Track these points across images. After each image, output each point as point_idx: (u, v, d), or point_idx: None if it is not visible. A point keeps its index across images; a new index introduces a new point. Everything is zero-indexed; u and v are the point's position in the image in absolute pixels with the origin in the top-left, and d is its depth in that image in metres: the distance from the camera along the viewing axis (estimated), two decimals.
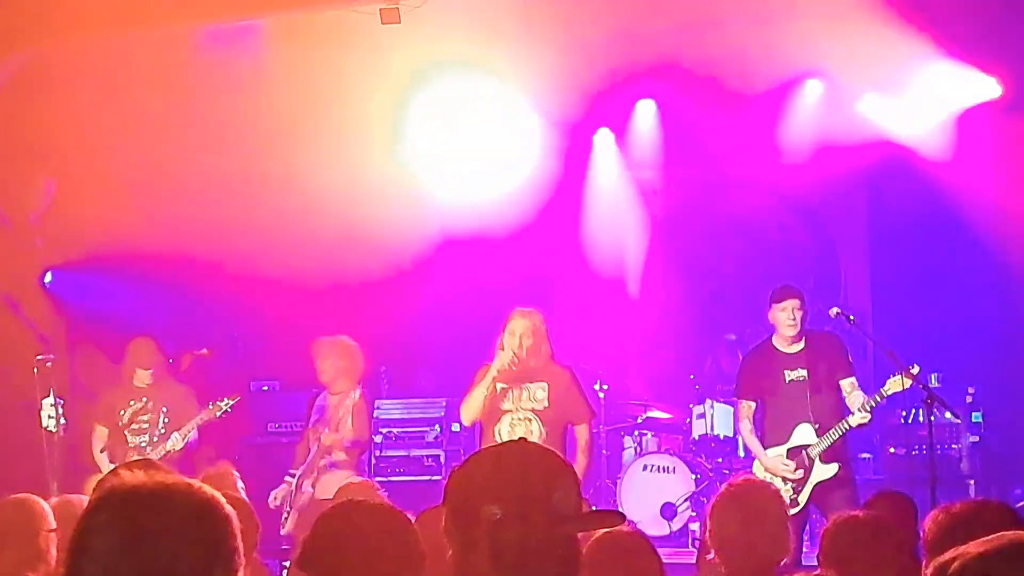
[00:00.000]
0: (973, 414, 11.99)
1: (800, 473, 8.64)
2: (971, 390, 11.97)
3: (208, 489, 2.20)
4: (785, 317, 8.77)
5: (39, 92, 11.00)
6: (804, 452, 8.66)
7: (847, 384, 8.76)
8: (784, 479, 8.60)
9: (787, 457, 8.71)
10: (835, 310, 8.96)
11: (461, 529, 2.55)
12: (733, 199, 13.76)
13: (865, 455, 12.47)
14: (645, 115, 14.23)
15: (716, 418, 12.24)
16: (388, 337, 12.83)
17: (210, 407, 9.47)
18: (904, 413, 11.69)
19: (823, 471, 8.64)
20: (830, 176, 13.47)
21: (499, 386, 8.46)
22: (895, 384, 8.49)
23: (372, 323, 12.56)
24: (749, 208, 13.74)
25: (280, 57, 12.23)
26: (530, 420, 8.38)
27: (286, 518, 9.62)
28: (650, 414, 12.61)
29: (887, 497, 6.50)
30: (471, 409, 8.60)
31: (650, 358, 14.16)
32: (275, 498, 9.75)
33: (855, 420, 8.57)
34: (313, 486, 9.62)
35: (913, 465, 10.80)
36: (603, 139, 14.45)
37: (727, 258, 13.68)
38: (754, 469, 8.96)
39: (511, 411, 8.47)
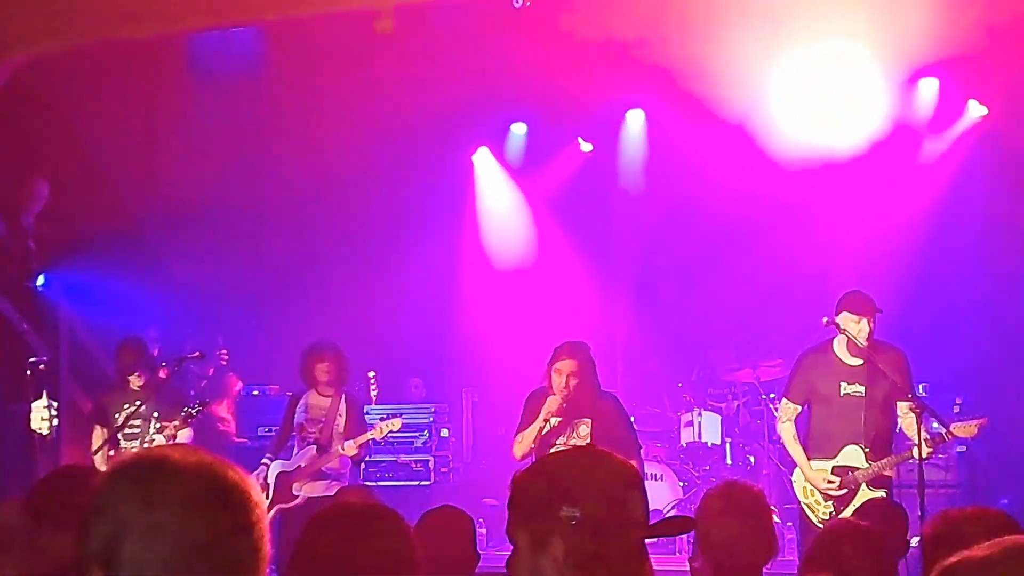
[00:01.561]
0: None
1: (843, 492, 8.37)
2: (958, 400, 12.00)
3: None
4: (858, 329, 8.37)
5: (34, 95, 11.03)
6: (851, 474, 8.35)
7: (903, 407, 8.35)
8: (826, 495, 8.43)
9: (832, 474, 8.41)
10: (826, 319, 8.51)
11: (534, 529, 2.57)
12: (723, 207, 13.80)
13: None
14: (634, 125, 14.32)
15: (704, 426, 12.25)
16: (378, 343, 12.88)
17: (182, 414, 9.47)
18: None
19: (870, 496, 8.24)
20: (820, 184, 13.53)
21: (553, 420, 8.36)
22: (963, 430, 8.25)
23: (362, 329, 12.61)
24: (739, 216, 13.78)
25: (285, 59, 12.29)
26: None
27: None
28: (637, 423, 12.64)
29: (879, 505, 6.51)
30: (522, 447, 8.42)
31: (638, 366, 14.18)
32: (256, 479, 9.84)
33: (921, 454, 8.07)
34: (301, 489, 9.74)
35: (900, 474, 10.78)
36: (586, 148, 14.55)
37: (716, 266, 13.70)
38: (793, 478, 8.70)
39: (558, 445, 8.32)
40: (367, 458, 12.46)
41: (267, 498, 9.77)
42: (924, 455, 8.07)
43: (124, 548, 1.99)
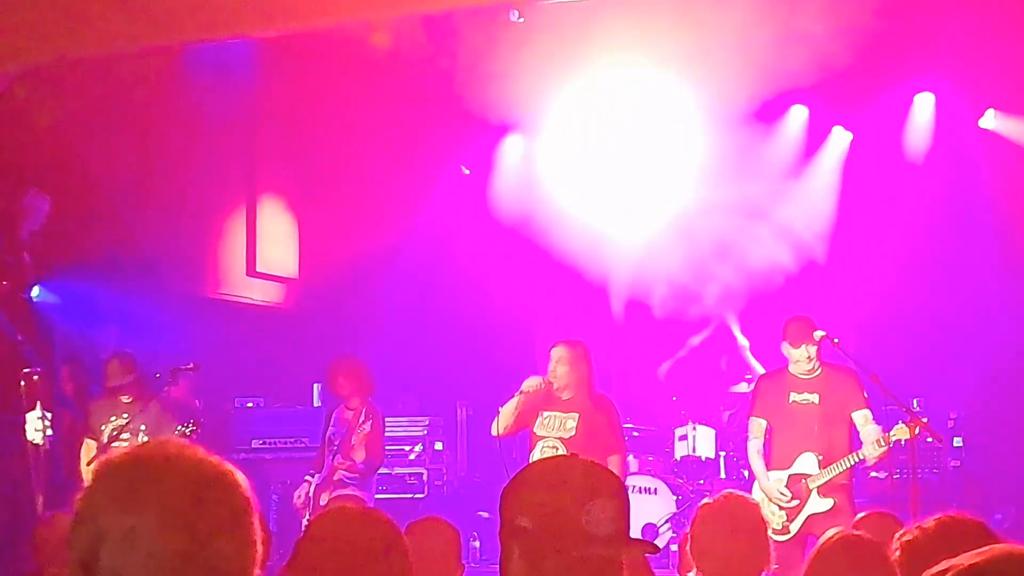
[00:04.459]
0: (954, 439, 12.03)
1: (795, 503, 8.50)
2: (953, 415, 12.01)
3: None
4: (799, 355, 8.57)
5: (30, 106, 11.03)
6: (804, 481, 8.49)
7: (860, 417, 8.50)
8: (779, 505, 8.53)
9: (786, 484, 8.56)
10: (819, 333, 8.52)
11: (502, 539, 2.59)
12: (715, 221, 13.81)
13: None
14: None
15: (698, 440, 12.25)
16: (371, 356, 12.88)
17: (175, 432, 9.46)
18: None
19: (818, 504, 8.47)
20: (813, 198, 13.56)
21: (544, 414, 8.51)
22: (901, 431, 8.19)
23: (357, 342, 12.60)
24: (731, 230, 13.78)
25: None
26: (556, 448, 8.37)
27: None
28: (632, 436, 12.62)
29: (875, 517, 6.48)
30: (499, 422, 8.66)
31: (632, 380, 14.18)
32: (299, 496, 10.19)
33: (872, 452, 8.27)
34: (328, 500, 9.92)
35: (895, 488, 10.80)
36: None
37: (710, 281, 13.70)
38: (753, 491, 8.76)
39: (544, 437, 8.52)
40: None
41: (308, 512, 9.97)
42: (878, 454, 8.27)
43: (102, 554, 1.98)
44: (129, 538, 1.97)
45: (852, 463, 8.46)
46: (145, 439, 9.40)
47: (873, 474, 11.98)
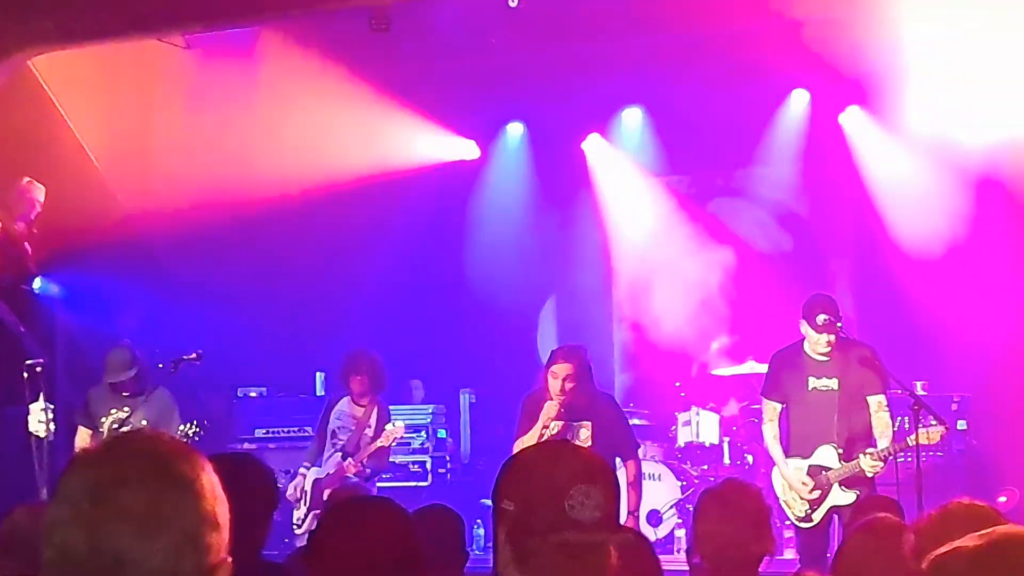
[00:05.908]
0: (959, 422, 12.00)
1: (817, 494, 8.43)
2: (957, 398, 11.98)
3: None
4: (815, 336, 8.41)
5: (30, 97, 11.01)
6: (824, 473, 8.40)
7: (874, 402, 8.40)
8: (800, 495, 8.47)
9: (807, 474, 8.46)
10: (823, 317, 8.38)
11: (493, 524, 2.62)
12: (719, 207, 13.79)
13: None
14: (632, 122, 14.26)
15: (702, 425, 12.24)
16: (375, 344, 12.88)
17: (179, 431, 9.43)
18: None
19: (841, 496, 8.39)
20: (816, 184, 13.53)
21: (554, 424, 8.34)
22: (924, 436, 8.14)
23: (360, 329, 12.59)
24: (735, 216, 13.76)
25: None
26: None
27: (302, 519, 9.87)
28: (635, 421, 12.61)
29: (875, 502, 6.49)
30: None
31: (636, 366, 14.17)
32: (294, 488, 10.17)
33: (867, 466, 8.27)
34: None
35: (899, 472, 10.74)
36: (592, 145, 14.46)
37: (713, 266, 13.67)
38: (772, 477, 8.78)
39: None
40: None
41: (304, 505, 9.91)
42: (872, 470, 8.27)
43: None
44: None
45: (860, 467, 8.35)
46: None
47: None
